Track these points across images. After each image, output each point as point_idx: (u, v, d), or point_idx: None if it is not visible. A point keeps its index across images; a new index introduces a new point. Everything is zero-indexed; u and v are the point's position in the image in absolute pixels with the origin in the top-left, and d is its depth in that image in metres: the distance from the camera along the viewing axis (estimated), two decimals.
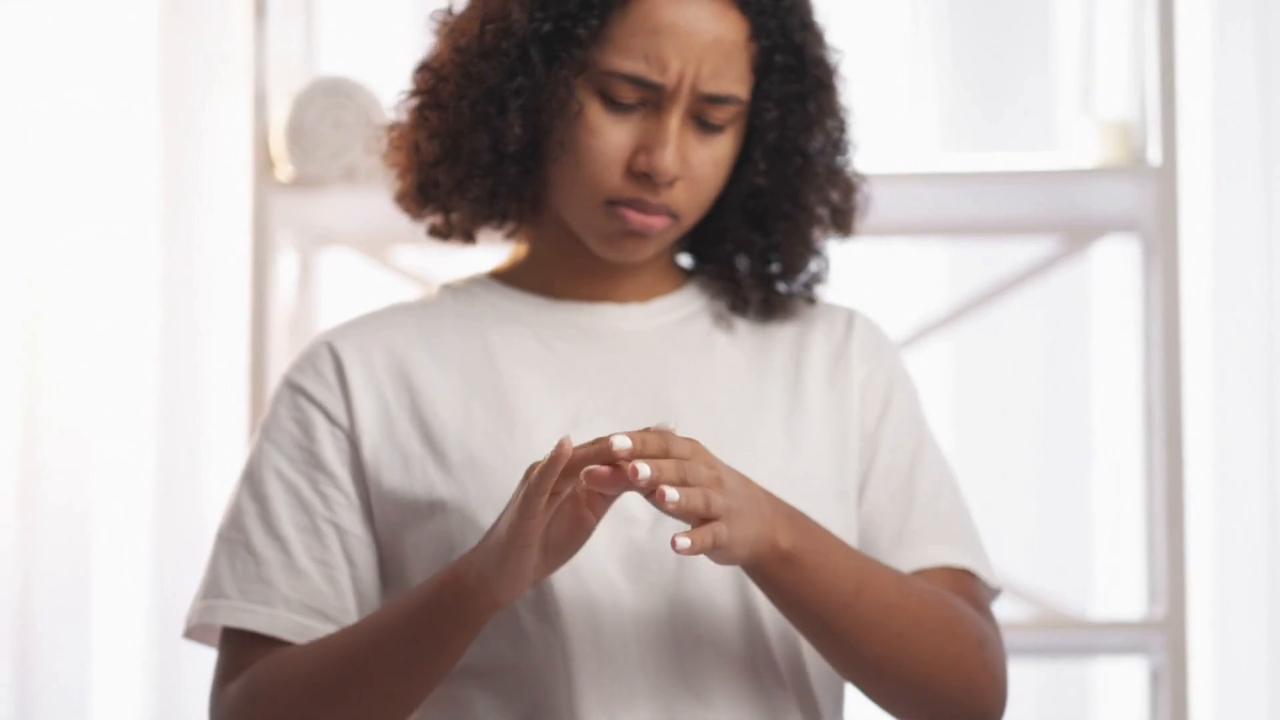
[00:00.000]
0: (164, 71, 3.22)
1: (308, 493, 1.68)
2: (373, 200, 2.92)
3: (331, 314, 3.07)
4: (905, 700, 1.63)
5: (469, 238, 1.79)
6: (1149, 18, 2.85)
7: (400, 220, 3.07)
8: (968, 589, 1.71)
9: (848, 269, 1.84)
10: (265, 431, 1.72)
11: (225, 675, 1.66)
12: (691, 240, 1.81)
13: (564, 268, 1.75)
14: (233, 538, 1.68)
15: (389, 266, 3.09)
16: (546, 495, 1.46)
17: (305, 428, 1.70)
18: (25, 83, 3.19)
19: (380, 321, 1.76)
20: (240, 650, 1.66)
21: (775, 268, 1.77)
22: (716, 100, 1.66)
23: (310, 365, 1.73)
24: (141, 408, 3.20)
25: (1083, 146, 2.90)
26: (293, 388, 1.72)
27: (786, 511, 1.56)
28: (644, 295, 1.77)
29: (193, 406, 3.20)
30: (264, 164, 2.91)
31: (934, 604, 1.64)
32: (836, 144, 1.74)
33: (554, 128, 1.67)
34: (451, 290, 1.79)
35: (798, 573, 1.55)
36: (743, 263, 1.77)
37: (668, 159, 1.64)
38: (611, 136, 1.66)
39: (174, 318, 3.22)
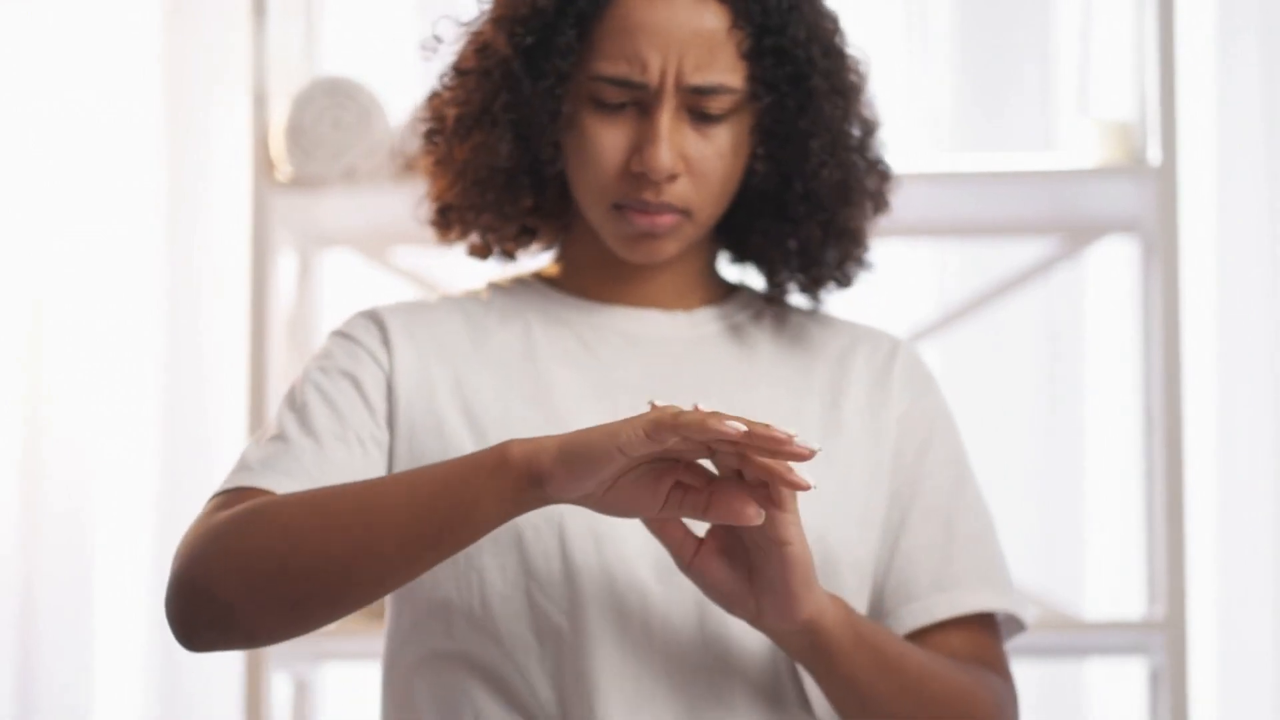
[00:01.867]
0: (165, 72, 3.22)
1: (345, 408, 1.67)
2: (372, 200, 2.92)
3: (331, 314, 3.07)
4: None
5: (509, 255, 1.80)
6: (1149, 18, 2.85)
7: (400, 220, 3.08)
8: (990, 645, 1.71)
9: None
10: (314, 359, 1.72)
11: (217, 509, 1.59)
12: (733, 244, 1.81)
13: (605, 273, 1.76)
14: (265, 436, 1.66)
15: (388, 266, 3.09)
16: (675, 438, 1.41)
17: (353, 359, 1.70)
18: (26, 83, 3.19)
19: (428, 307, 1.77)
20: (243, 499, 1.60)
21: (794, 252, 1.76)
22: (705, 91, 1.66)
23: (359, 321, 1.74)
24: (143, 408, 3.20)
25: (1083, 147, 2.90)
26: (342, 335, 1.73)
27: (836, 601, 1.57)
28: (688, 303, 1.78)
29: (194, 407, 3.20)
30: (264, 164, 2.91)
31: (957, 674, 1.64)
32: (846, 121, 1.73)
33: (550, 139, 1.69)
34: (498, 289, 1.80)
35: (834, 646, 1.56)
36: (774, 257, 1.76)
37: (660, 156, 1.65)
38: (606, 140, 1.67)
39: (175, 318, 3.22)
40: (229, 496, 1.61)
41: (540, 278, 1.80)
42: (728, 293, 1.81)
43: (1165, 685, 2.78)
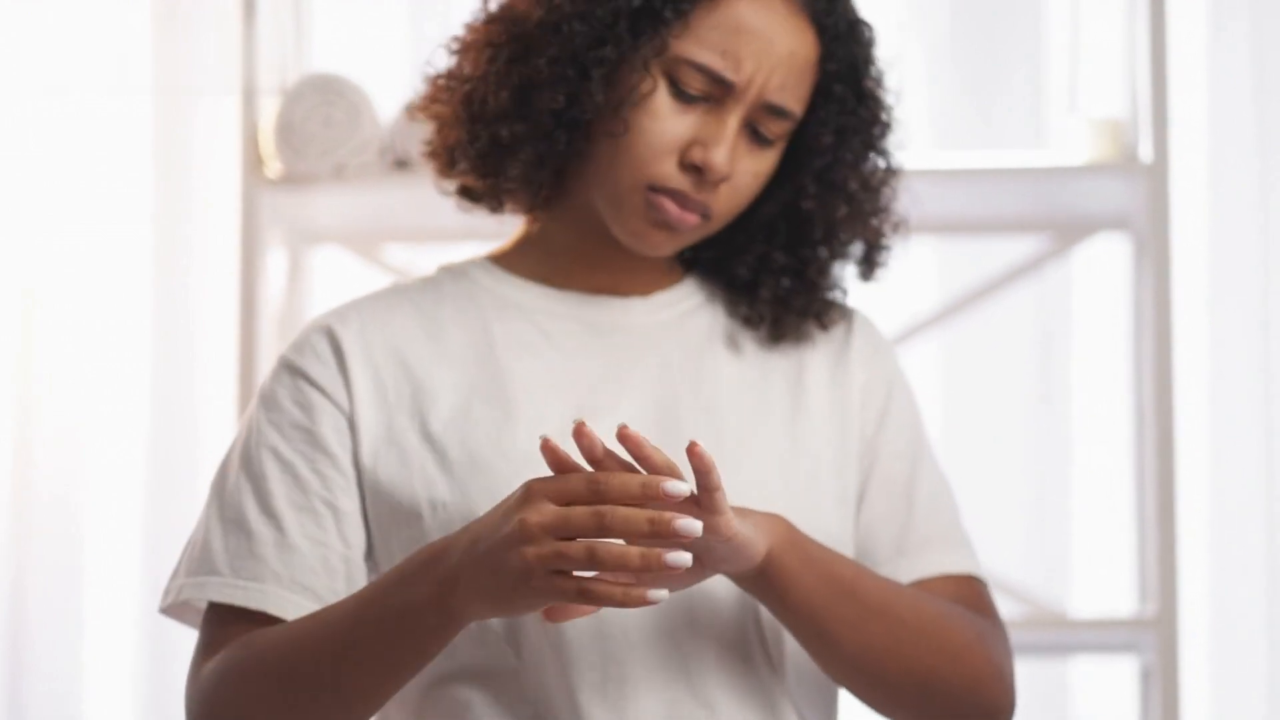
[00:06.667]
0: (155, 69, 3.22)
1: (305, 471, 1.65)
2: (363, 197, 2.91)
3: (321, 311, 3.06)
4: (911, 701, 1.63)
5: (498, 204, 1.75)
6: (1140, 15, 2.85)
7: (390, 217, 3.08)
8: (972, 593, 1.72)
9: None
10: (263, 408, 1.69)
11: (205, 652, 1.62)
12: (696, 249, 1.80)
13: (572, 255, 1.74)
14: (226, 515, 1.65)
15: (378, 263, 3.08)
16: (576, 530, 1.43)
17: (305, 409, 1.68)
18: (16, 79, 3.19)
19: (379, 307, 1.74)
20: (223, 627, 1.63)
21: (789, 284, 1.76)
22: (776, 112, 1.67)
23: (309, 347, 1.71)
24: (133, 404, 3.20)
25: (1074, 144, 2.90)
26: (292, 370, 1.70)
27: (778, 524, 1.57)
28: (644, 289, 1.77)
29: (184, 402, 3.20)
30: (254, 161, 2.90)
31: (926, 601, 1.64)
32: (880, 183, 1.76)
33: (620, 104, 1.66)
34: (450, 273, 1.77)
35: (783, 573, 1.56)
36: (764, 281, 1.76)
37: (722, 156, 1.65)
38: (671, 124, 1.66)
39: (165, 314, 3.22)
40: (212, 615, 1.64)
41: (493, 260, 1.78)
42: (680, 276, 1.80)
43: (1156, 683, 2.78)
